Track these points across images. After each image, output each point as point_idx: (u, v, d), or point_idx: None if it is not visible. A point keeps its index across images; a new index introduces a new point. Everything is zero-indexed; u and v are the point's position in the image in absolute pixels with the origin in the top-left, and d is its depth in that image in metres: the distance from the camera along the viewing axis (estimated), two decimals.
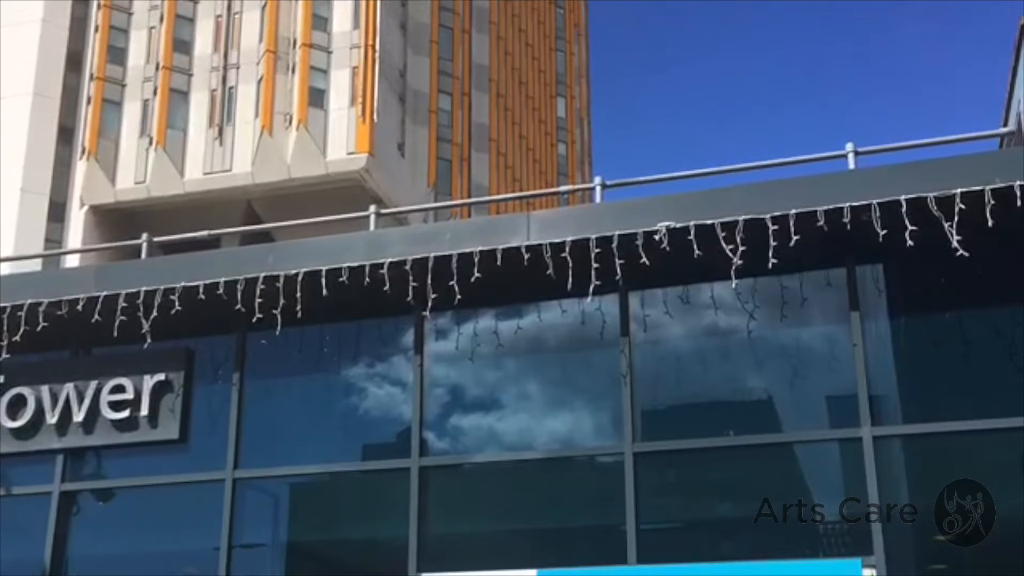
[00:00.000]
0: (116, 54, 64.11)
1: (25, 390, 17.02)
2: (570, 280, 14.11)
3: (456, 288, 14.46)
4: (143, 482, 16.66)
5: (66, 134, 63.25)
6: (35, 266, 34.86)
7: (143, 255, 18.28)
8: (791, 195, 13.72)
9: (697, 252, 13.68)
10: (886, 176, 13.64)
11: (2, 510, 16.90)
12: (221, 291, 15.45)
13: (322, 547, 16.24)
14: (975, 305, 14.28)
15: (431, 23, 72.80)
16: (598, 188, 16.04)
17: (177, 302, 15.50)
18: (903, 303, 14.62)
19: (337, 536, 16.17)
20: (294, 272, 15.15)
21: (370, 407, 16.18)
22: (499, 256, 14.42)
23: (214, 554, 15.73)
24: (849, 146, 14.77)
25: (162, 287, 15.64)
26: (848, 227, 13.30)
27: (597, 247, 14.06)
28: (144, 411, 16.44)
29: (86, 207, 60.69)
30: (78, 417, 16.70)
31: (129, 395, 16.55)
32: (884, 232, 13.10)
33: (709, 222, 13.70)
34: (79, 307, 15.97)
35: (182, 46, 63.54)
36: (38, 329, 16.09)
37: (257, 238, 35.72)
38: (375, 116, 59.10)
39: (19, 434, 16.93)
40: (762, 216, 13.53)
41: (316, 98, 59.63)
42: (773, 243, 13.39)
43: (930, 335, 14.49)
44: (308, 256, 15.40)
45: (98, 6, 65.47)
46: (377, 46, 60.80)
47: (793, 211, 13.43)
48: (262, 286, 15.24)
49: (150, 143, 60.96)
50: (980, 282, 14.03)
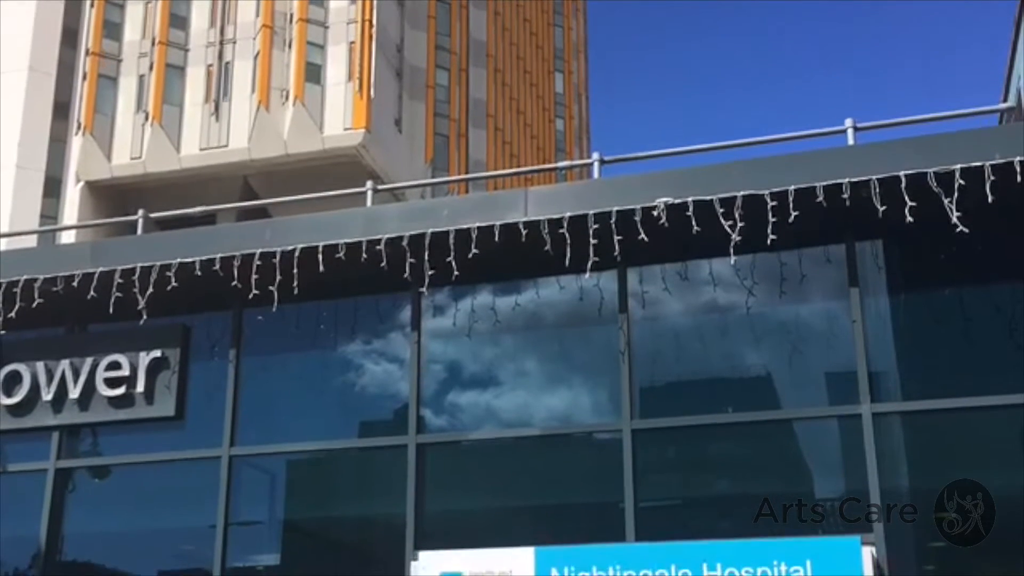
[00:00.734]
0: (112, 29, 63.89)
1: (20, 367, 16.98)
2: (568, 256, 14.08)
3: (453, 264, 14.41)
4: (139, 459, 16.65)
5: (61, 110, 63.04)
6: (30, 242, 34.82)
7: (139, 231, 18.22)
8: (790, 171, 13.67)
9: (696, 228, 13.64)
10: (885, 152, 13.59)
11: None
12: (217, 267, 15.40)
13: (319, 524, 16.21)
14: (975, 281, 14.23)
15: None
16: (596, 164, 15.99)
17: (173, 278, 15.46)
18: (903, 279, 14.57)
19: (334, 513, 16.14)
20: (291, 248, 15.10)
21: (367, 384, 16.13)
22: (497, 232, 14.37)
23: (210, 532, 15.70)
24: (848, 122, 14.72)
25: (158, 263, 15.59)
26: (847, 203, 13.26)
27: (595, 223, 14.02)
28: (140, 388, 16.41)
29: (82, 183, 60.53)
30: (74, 394, 16.67)
31: (125, 372, 16.51)
32: (883, 208, 13.06)
33: (708, 198, 13.66)
34: (75, 283, 15.92)
35: (178, 21, 63.29)
36: (33, 305, 16.05)
37: (254, 214, 35.72)
38: (372, 92, 58.92)
39: (14, 411, 16.90)
40: (761, 192, 13.49)
41: (313, 73, 59.47)
42: (772, 219, 13.35)
43: (930, 312, 14.45)
44: (305, 232, 15.34)
45: None
46: (374, 21, 60.57)
47: (792, 187, 13.39)
48: (259, 262, 15.19)
49: (146, 119, 60.77)
50: (980, 258, 13.98)
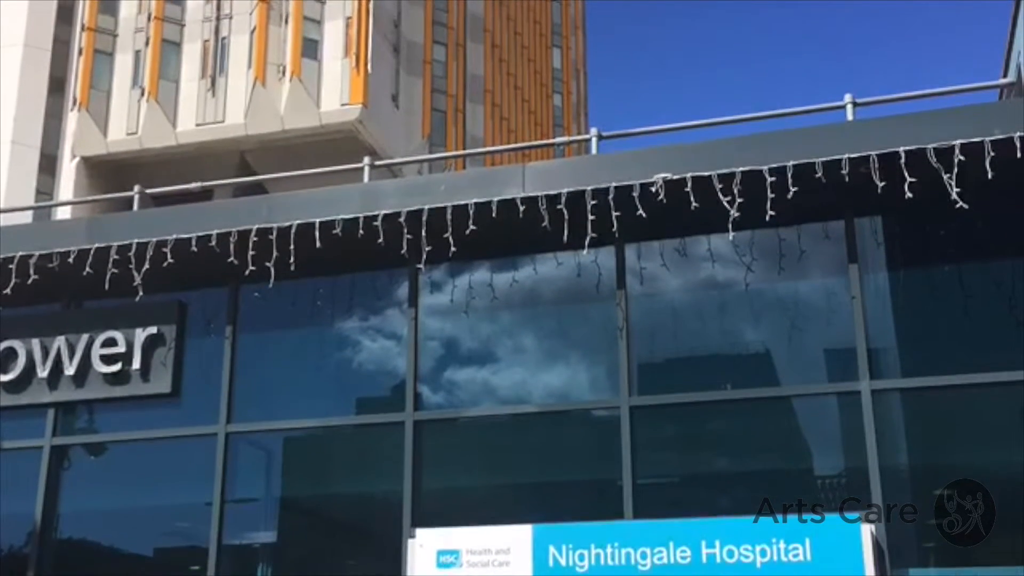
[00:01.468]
0: (108, 4, 63.68)
1: (16, 343, 16.95)
2: (566, 232, 14.07)
3: (451, 240, 14.38)
4: (135, 436, 16.62)
5: (57, 85, 62.92)
6: (26, 218, 34.73)
7: (135, 207, 18.18)
8: (789, 147, 13.62)
9: (694, 204, 13.59)
10: (885, 128, 13.54)
11: None
12: (214, 243, 15.35)
13: (315, 502, 16.20)
14: (974, 258, 14.20)
15: None
16: (594, 139, 15.94)
17: (169, 254, 15.43)
18: (902, 256, 14.53)
19: (331, 491, 16.12)
20: (287, 224, 15.05)
21: (364, 360, 16.10)
22: (494, 208, 14.32)
23: (206, 509, 15.67)
24: (847, 97, 14.69)
25: (154, 239, 15.55)
26: (847, 179, 13.21)
27: (593, 199, 13.99)
28: (136, 365, 16.39)
29: (77, 159, 60.44)
30: (69, 371, 16.64)
31: (121, 348, 16.48)
32: (883, 184, 13.04)
33: (706, 174, 13.62)
34: (70, 260, 15.88)
35: None
36: (29, 282, 16.00)
37: (250, 190, 35.53)
38: (369, 67, 58.79)
39: (10, 388, 16.88)
40: (760, 168, 13.45)
41: (309, 49, 59.34)
42: (771, 195, 13.31)
43: (929, 288, 14.39)
44: (302, 208, 15.30)
45: None
46: None
47: (791, 163, 13.36)
48: (255, 238, 15.14)
49: (142, 94, 60.63)
50: (979, 234, 13.97)
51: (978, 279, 14.05)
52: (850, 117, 14.54)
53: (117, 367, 16.45)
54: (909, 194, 12.85)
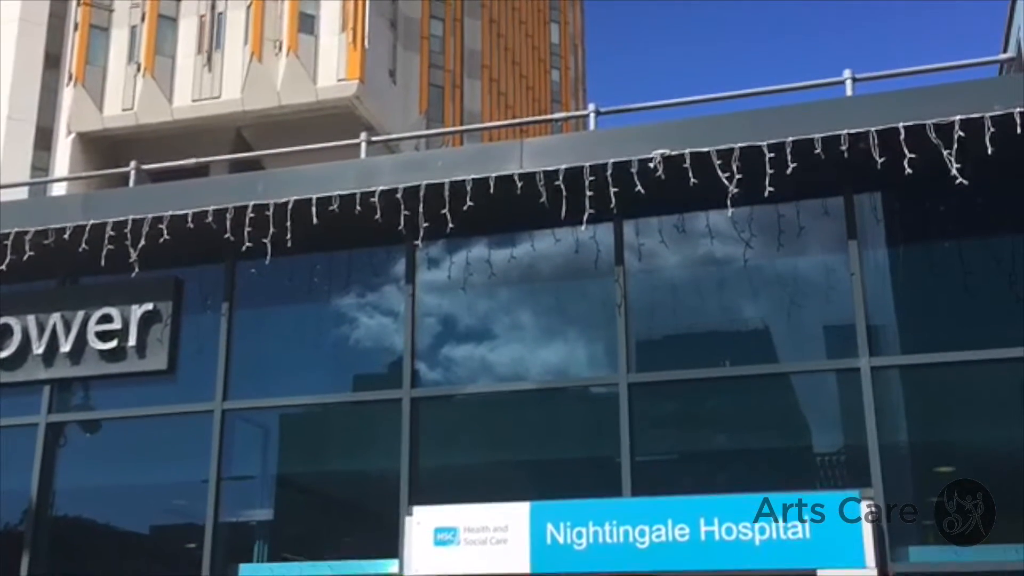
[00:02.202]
0: None
1: (11, 320, 16.91)
2: (564, 208, 14.04)
3: (448, 217, 14.35)
4: (131, 413, 16.58)
5: (53, 61, 62.65)
6: (21, 194, 34.69)
7: (131, 183, 18.09)
8: (788, 122, 13.58)
9: (693, 180, 13.55)
10: (884, 103, 13.51)
11: None
12: (210, 220, 15.32)
13: (312, 479, 16.18)
14: (974, 234, 14.16)
15: None
16: (592, 115, 15.89)
17: (165, 231, 15.38)
18: (902, 232, 14.49)
19: (327, 468, 16.10)
20: (284, 200, 15.01)
21: (361, 337, 16.06)
22: (492, 184, 14.27)
23: (203, 486, 15.65)
24: (847, 73, 14.68)
25: (150, 215, 15.50)
26: (846, 155, 13.16)
27: (591, 175, 13.95)
28: (132, 341, 16.35)
29: (73, 134, 60.24)
30: (65, 347, 16.61)
31: (117, 325, 16.44)
32: (882, 160, 13.00)
33: (705, 150, 13.58)
34: (66, 236, 15.84)
35: None
36: (24, 258, 15.97)
37: (247, 166, 35.42)
38: (366, 42, 58.55)
39: (5, 365, 16.85)
40: (758, 144, 13.41)
41: (306, 24, 59.09)
42: (770, 171, 13.27)
43: (929, 264, 14.37)
44: (298, 184, 15.26)
45: None
46: None
47: (790, 139, 13.32)
48: (251, 215, 15.09)
49: (138, 70, 60.38)
50: (979, 211, 13.94)
51: (978, 255, 14.01)
52: (849, 93, 14.52)
53: (113, 344, 16.41)
54: (909, 170, 12.82)
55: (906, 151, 12.84)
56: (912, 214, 14.39)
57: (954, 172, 12.65)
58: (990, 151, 12.57)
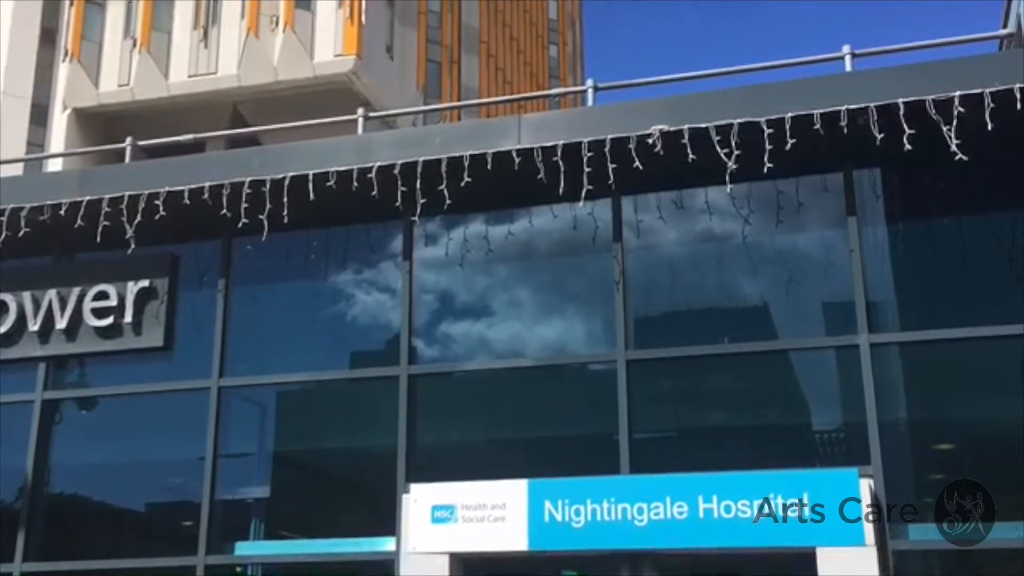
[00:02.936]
0: None
1: (6, 296, 16.86)
2: (562, 184, 13.98)
3: (446, 193, 14.31)
4: (127, 390, 16.51)
5: (48, 36, 62.40)
6: (17, 170, 34.54)
7: (127, 159, 18.08)
8: (787, 98, 13.54)
9: (691, 156, 13.51)
10: (883, 79, 13.47)
11: None
12: (206, 196, 15.26)
13: (309, 457, 16.15)
14: (974, 210, 14.15)
15: None
16: (590, 91, 15.85)
17: (161, 207, 15.33)
18: (901, 208, 14.46)
19: (325, 446, 16.06)
20: (281, 176, 14.95)
21: (358, 314, 16.01)
22: (489, 160, 14.22)
23: (199, 464, 15.62)
24: (846, 48, 14.65)
25: (146, 192, 15.45)
26: (845, 131, 13.12)
27: (589, 151, 13.89)
28: (128, 318, 16.30)
29: (69, 110, 60.06)
30: (61, 324, 16.56)
31: (113, 302, 16.38)
32: (881, 136, 12.94)
33: (704, 125, 13.54)
34: (62, 212, 15.79)
35: None
36: (20, 234, 15.92)
37: (243, 142, 35.29)
38: (363, 18, 58.38)
39: (1, 341, 16.81)
40: (757, 119, 13.37)
41: None
42: (769, 147, 13.22)
43: (928, 241, 14.34)
44: (295, 160, 15.19)
45: None
46: None
47: (789, 114, 13.28)
48: (248, 191, 15.04)
49: (134, 45, 60.11)
50: (979, 187, 13.90)
51: (977, 232, 13.99)
52: (848, 68, 14.50)
53: (109, 320, 16.36)
54: (908, 146, 12.76)
55: (905, 127, 12.78)
56: (911, 190, 14.34)
57: (954, 148, 12.61)
58: (990, 127, 12.52)
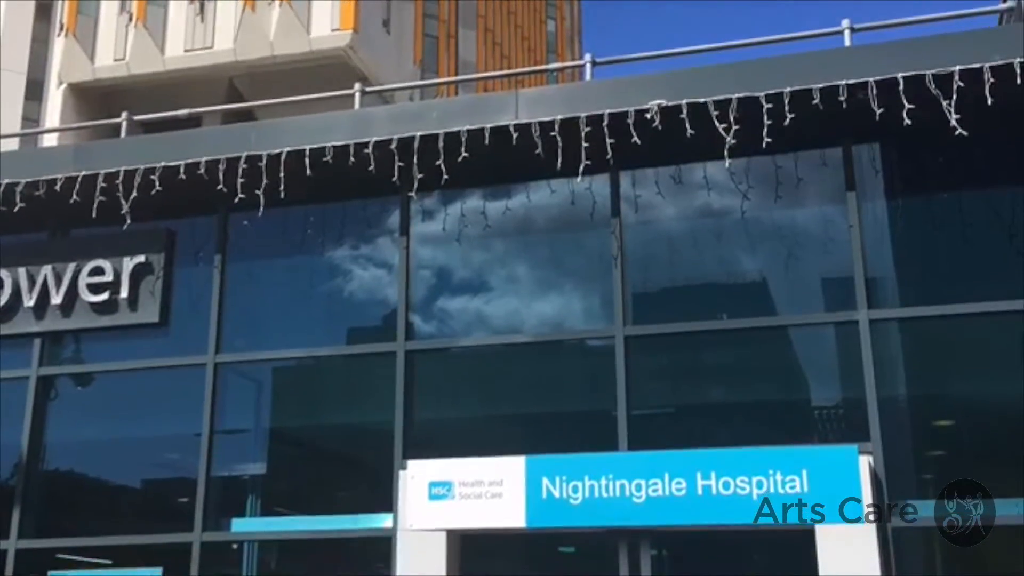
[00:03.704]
0: None
1: (2, 272, 16.82)
2: (559, 160, 13.93)
3: (443, 168, 14.25)
4: (123, 366, 16.48)
5: (44, 10, 62.29)
6: (12, 145, 34.47)
7: (123, 134, 18.01)
8: (786, 73, 13.49)
9: (690, 131, 13.46)
10: (883, 53, 13.42)
11: None
12: (202, 171, 15.22)
13: (306, 433, 16.12)
14: (973, 185, 14.12)
15: None
16: (588, 65, 15.76)
17: (157, 182, 15.31)
18: (900, 183, 14.41)
19: (321, 422, 16.02)
20: (277, 152, 14.91)
21: (355, 290, 15.97)
22: (487, 135, 14.18)
23: (195, 440, 15.58)
24: (845, 22, 14.59)
25: (142, 167, 15.40)
26: (844, 105, 13.09)
27: (587, 126, 13.85)
28: (124, 294, 16.26)
29: (64, 85, 59.95)
30: (56, 300, 16.51)
31: (108, 277, 16.33)
32: (881, 111, 12.91)
33: (702, 100, 13.50)
34: (57, 187, 15.74)
35: None
36: (15, 210, 15.88)
37: (239, 117, 35.22)
38: None
39: None
40: (756, 94, 13.33)
41: None
42: (767, 122, 13.17)
43: (928, 216, 14.29)
44: (291, 135, 15.15)
45: None
46: None
47: (788, 89, 13.24)
48: (244, 166, 14.99)
49: (130, 20, 60.00)
50: (979, 162, 13.87)
51: (977, 207, 13.95)
52: (848, 43, 14.44)
53: (104, 296, 16.32)
54: (908, 121, 12.72)
55: (905, 102, 12.74)
56: (911, 165, 14.30)
57: (953, 123, 12.56)
58: (990, 101, 12.49)
